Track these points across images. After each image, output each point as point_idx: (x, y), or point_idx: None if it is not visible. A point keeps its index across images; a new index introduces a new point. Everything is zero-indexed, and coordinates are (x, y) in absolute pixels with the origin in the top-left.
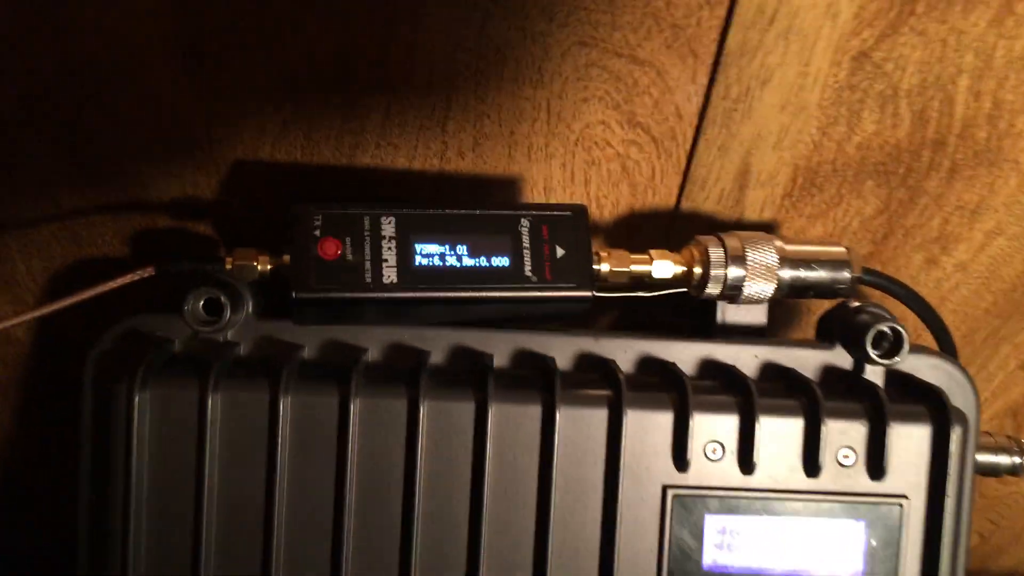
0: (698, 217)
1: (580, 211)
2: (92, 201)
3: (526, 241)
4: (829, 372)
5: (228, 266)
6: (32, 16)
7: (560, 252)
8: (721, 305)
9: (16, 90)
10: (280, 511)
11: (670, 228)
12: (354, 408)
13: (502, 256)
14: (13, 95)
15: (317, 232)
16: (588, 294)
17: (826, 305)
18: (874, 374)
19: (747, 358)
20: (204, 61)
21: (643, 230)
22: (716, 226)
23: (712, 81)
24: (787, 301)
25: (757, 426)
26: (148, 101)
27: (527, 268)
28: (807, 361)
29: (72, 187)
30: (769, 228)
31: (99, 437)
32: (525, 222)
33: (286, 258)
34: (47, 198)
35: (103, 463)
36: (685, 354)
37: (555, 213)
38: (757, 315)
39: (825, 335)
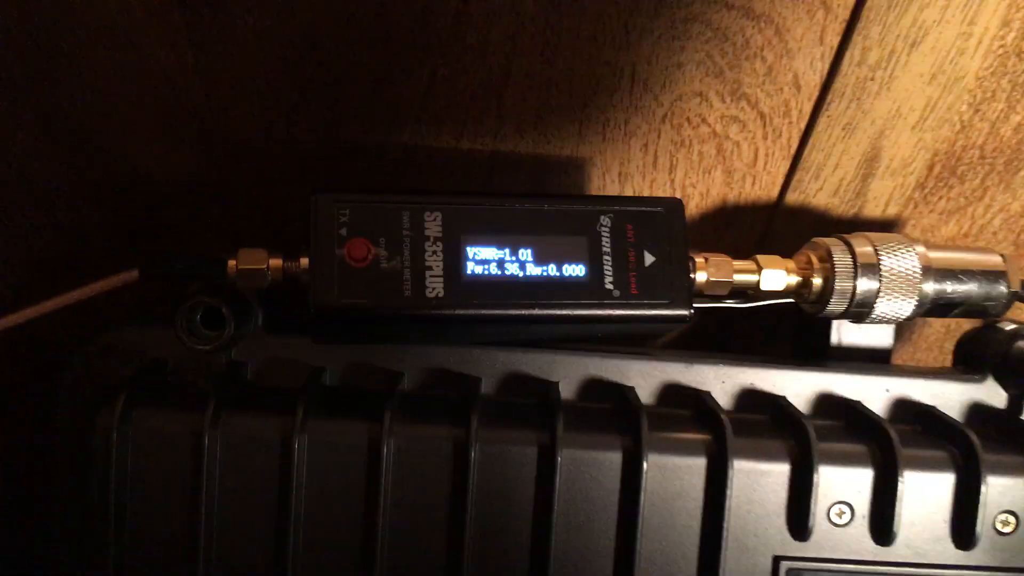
0: (805, 212)
1: (675, 207)
2: (72, 185)
3: (607, 245)
4: (977, 411)
5: (231, 270)
6: None
7: (649, 259)
8: (838, 323)
9: None
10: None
11: (769, 225)
12: (387, 450)
13: (577, 264)
14: None
15: (343, 231)
16: (684, 313)
17: (962, 324)
18: None
19: (875, 392)
20: (202, 13)
21: (735, 226)
22: (827, 224)
23: (846, 42)
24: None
25: (900, 484)
26: (135, 66)
27: (608, 280)
28: (950, 397)
29: (48, 165)
30: (892, 226)
31: (75, 475)
32: (606, 220)
33: (304, 261)
34: (20, 180)
35: (79, 505)
36: (797, 386)
37: (643, 209)
38: (881, 336)
39: (969, 363)
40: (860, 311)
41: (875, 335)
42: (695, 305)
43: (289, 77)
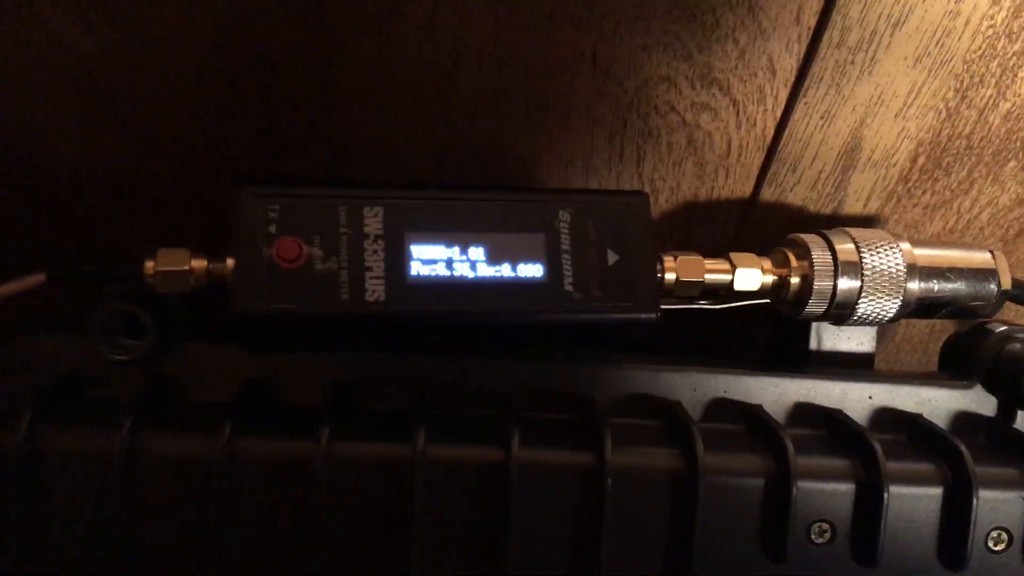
0: (782, 207)
1: (640, 201)
2: None
3: (566, 242)
4: (965, 420)
5: (148, 272)
6: None
7: (612, 258)
8: (817, 325)
9: None
10: None
11: (743, 221)
12: (323, 470)
13: (533, 263)
14: None
15: (272, 228)
16: (651, 316)
17: (948, 324)
18: None
19: (857, 400)
20: None
21: (708, 223)
22: (806, 219)
23: (824, 22)
24: None
25: (885, 500)
26: (40, 43)
27: (568, 281)
28: (937, 404)
29: None
30: (873, 222)
31: None
32: (565, 216)
33: (229, 262)
34: None
35: None
36: (773, 393)
37: (605, 203)
38: (863, 339)
39: (956, 368)
40: (841, 312)
41: (856, 338)
42: (663, 307)
43: (216, 58)
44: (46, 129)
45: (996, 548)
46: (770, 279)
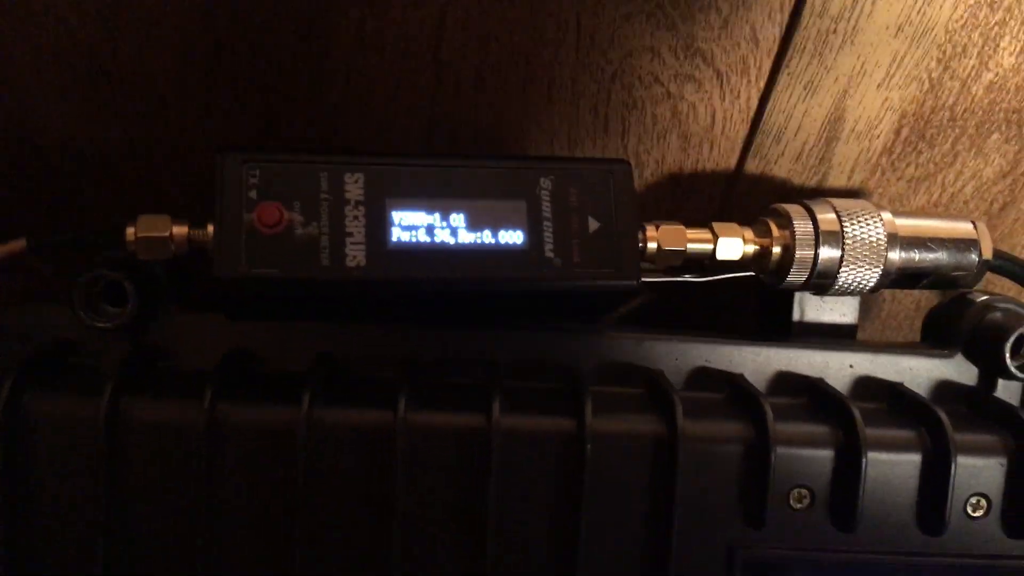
0: (767, 180)
1: (622, 169)
2: None
3: (547, 209)
4: (946, 389)
5: (130, 238)
6: None
7: (594, 225)
8: (800, 297)
9: None
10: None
11: (728, 193)
12: (306, 436)
13: (514, 230)
14: None
15: (253, 193)
16: (631, 283)
17: (930, 296)
18: (1009, 392)
19: (838, 369)
20: None
21: (693, 195)
22: (790, 192)
23: None
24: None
25: (863, 466)
26: (27, 12)
27: (548, 247)
28: (918, 374)
29: None
30: (858, 194)
31: None
32: (546, 182)
33: (210, 229)
34: None
35: None
36: (755, 363)
37: (587, 170)
38: (846, 311)
39: (938, 338)
40: (822, 282)
41: (839, 310)
42: (649, 280)
43: (202, 31)
44: (35, 105)
45: (975, 514)
46: (752, 248)
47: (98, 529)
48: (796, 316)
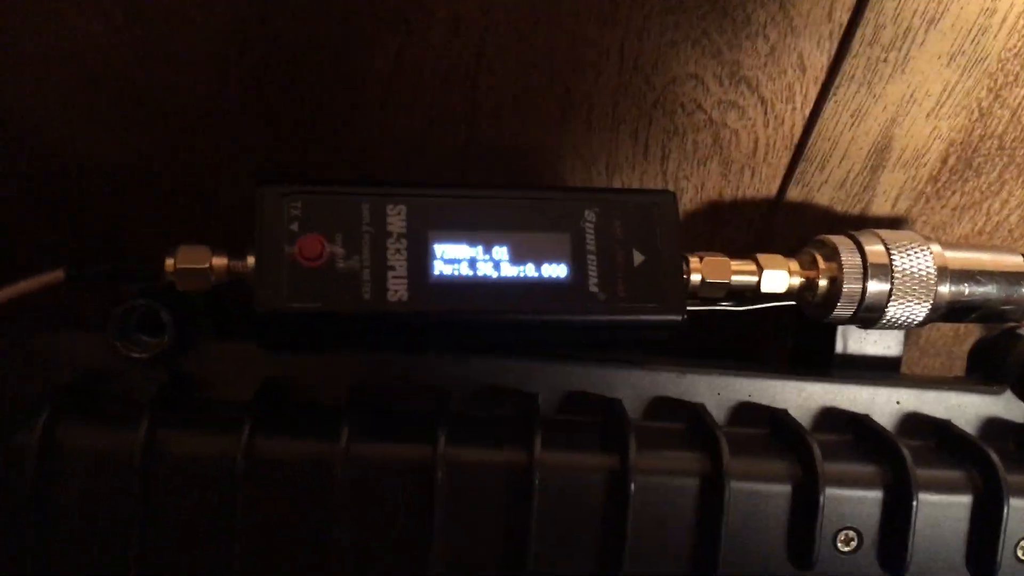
0: (808, 207)
1: (667, 201)
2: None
3: (592, 242)
4: (994, 426)
5: (169, 270)
6: None
7: (639, 259)
8: (843, 328)
9: None
10: None
11: (768, 221)
12: (341, 471)
13: (558, 263)
14: None
15: (295, 226)
16: (677, 318)
17: (972, 327)
18: None
19: (884, 404)
20: None
21: (733, 222)
22: (833, 220)
23: (857, 19)
24: None
25: (914, 508)
26: (60, 35)
27: (593, 281)
28: (966, 410)
29: None
30: (901, 223)
31: None
32: (591, 215)
33: (251, 260)
34: None
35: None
36: (799, 398)
37: (632, 203)
38: (890, 343)
39: (986, 373)
40: (869, 316)
41: (883, 341)
42: (688, 308)
43: (237, 54)
44: (66, 125)
45: None
46: (797, 281)
47: (131, 564)
48: (839, 348)
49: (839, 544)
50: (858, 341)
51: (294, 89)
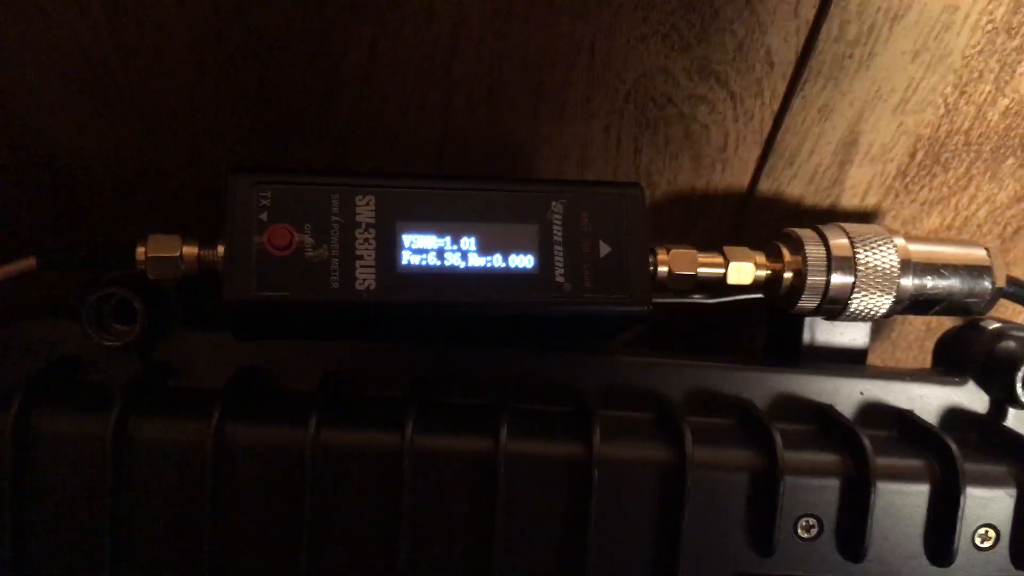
0: (779, 201)
1: (634, 193)
2: None
3: (559, 233)
4: (956, 416)
5: (140, 258)
6: None
7: (605, 250)
8: (810, 320)
9: None
10: None
11: (740, 214)
12: (313, 457)
13: (525, 254)
14: None
15: (264, 215)
16: (642, 309)
17: (944, 322)
18: (1020, 421)
19: (848, 394)
20: None
21: (704, 216)
22: (802, 214)
23: (823, 15)
24: None
25: (872, 496)
26: (43, 32)
27: (559, 272)
28: (928, 401)
29: None
30: (871, 217)
31: None
32: (558, 206)
33: (220, 249)
34: None
35: None
36: (764, 388)
37: (600, 193)
38: (856, 335)
39: (949, 365)
40: (833, 307)
41: (850, 334)
42: (656, 300)
43: (213, 45)
44: (46, 117)
45: (983, 545)
46: (763, 273)
47: (104, 547)
48: (806, 339)
49: (800, 531)
50: (825, 333)
51: (269, 80)
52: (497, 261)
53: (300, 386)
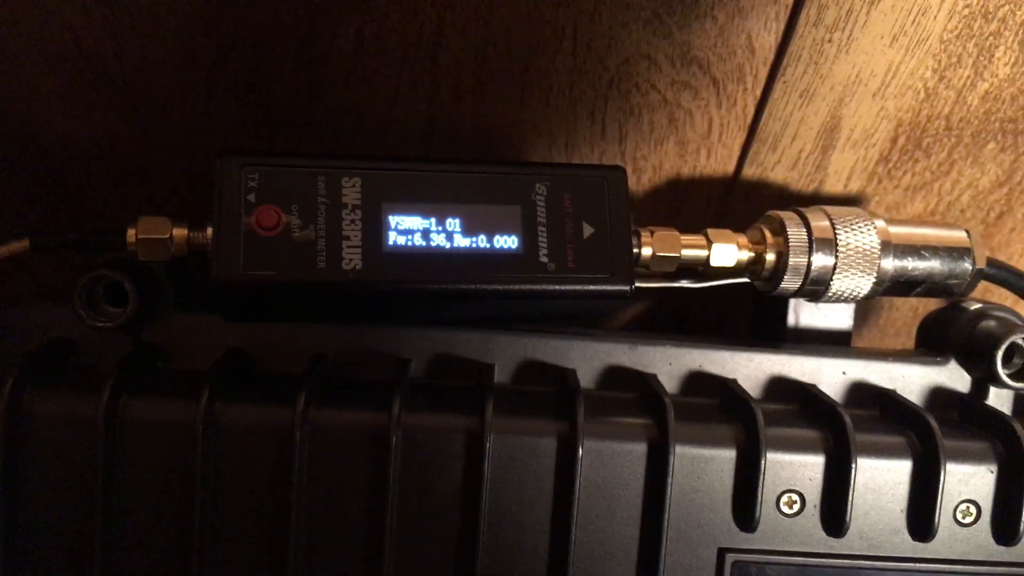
0: (764, 187)
1: (617, 175)
2: None
3: (542, 215)
4: (939, 395)
5: (130, 240)
6: None
7: (588, 231)
8: (795, 303)
9: None
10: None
11: (725, 200)
12: (301, 436)
13: (509, 235)
14: None
15: (251, 196)
16: (625, 288)
17: (928, 304)
18: (1000, 400)
19: (831, 375)
20: None
21: (690, 202)
22: (787, 199)
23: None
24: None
25: (853, 471)
26: (37, 23)
27: (543, 252)
28: (911, 380)
29: None
30: (854, 202)
31: None
32: (541, 188)
33: (209, 231)
34: None
35: None
36: (749, 368)
37: (583, 176)
38: (840, 317)
39: (932, 345)
40: (815, 289)
41: (834, 316)
42: (640, 284)
43: (204, 35)
44: (37, 106)
45: (965, 521)
46: (746, 255)
47: (95, 525)
48: (791, 322)
49: (783, 506)
50: (809, 315)
51: (259, 69)
52: (482, 242)
53: (289, 368)
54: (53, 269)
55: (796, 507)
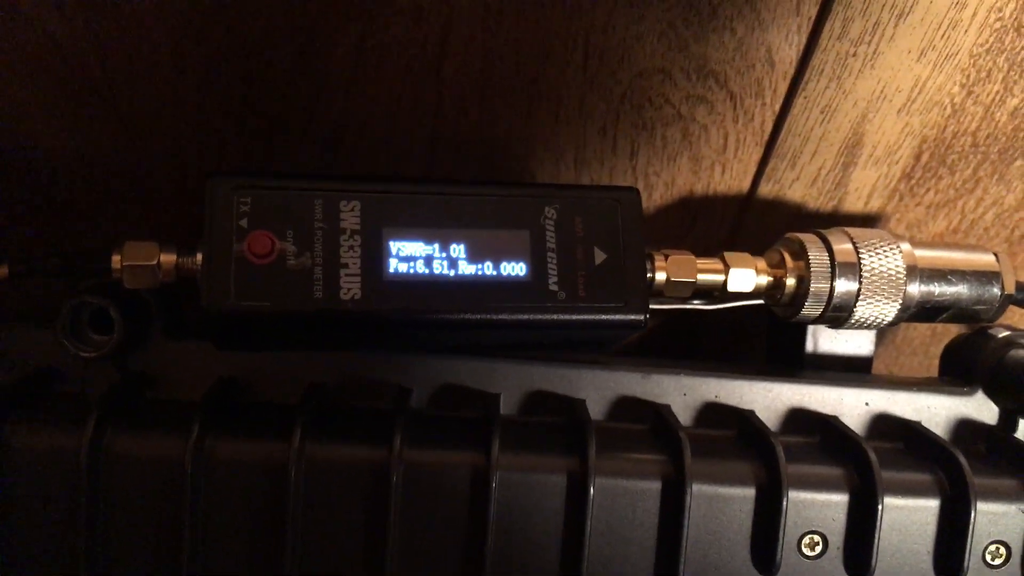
0: (780, 205)
1: (630, 197)
2: None
3: (552, 240)
4: (965, 427)
5: (115, 266)
6: None
7: (600, 257)
8: (813, 328)
9: None
10: None
11: (740, 218)
12: (296, 472)
13: (517, 261)
14: None
15: (243, 222)
16: (639, 318)
17: (949, 327)
18: None
19: (853, 405)
20: None
21: (703, 219)
22: (804, 218)
23: (825, 12)
24: None
25: (879, 511)
26: (20, 33)
27: (552, 280)
28: (936, 412)
29: None
30: (875, 221)
31: None
32: (551, 211)
33: (199, 257)
34: None
35: None
36: (767, 399)
37: (594, 198)
38: (861, 342)
39: (957, 374)
40: (838, 315)
41: (855, 341)
42: (654, 307)
43: (195, 44)
44: (22, 117)
45: (994, 563)
46: (765, 280)
47: (79, 565)
48: (809, 347)
49: (804, 548)
50: (829, 340)
51: (254, 80)
52: (488, 269)
53: (283, 396)
54: (35, 290)
55: (819, 549)
